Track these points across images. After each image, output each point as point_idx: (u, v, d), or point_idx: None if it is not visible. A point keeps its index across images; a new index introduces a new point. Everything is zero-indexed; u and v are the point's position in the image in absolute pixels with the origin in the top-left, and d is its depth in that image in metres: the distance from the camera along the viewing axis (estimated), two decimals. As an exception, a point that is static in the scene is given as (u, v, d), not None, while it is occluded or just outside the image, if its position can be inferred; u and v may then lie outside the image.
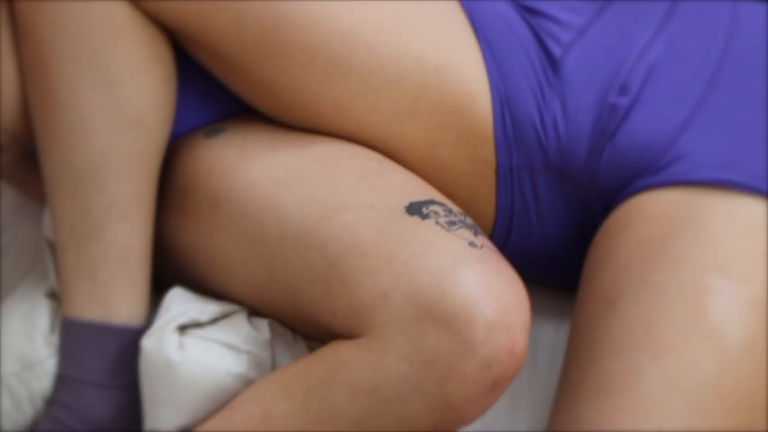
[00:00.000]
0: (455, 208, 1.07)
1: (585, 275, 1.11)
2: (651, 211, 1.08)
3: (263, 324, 1.13)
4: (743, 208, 1.05)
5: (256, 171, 1.11)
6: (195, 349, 1.10)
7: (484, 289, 0.97)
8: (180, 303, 1.14)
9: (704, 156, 1.09)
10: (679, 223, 1.06)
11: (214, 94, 1.20)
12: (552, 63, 1.15)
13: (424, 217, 1.04)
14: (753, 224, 1.05)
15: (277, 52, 1.10)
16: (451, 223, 1.03)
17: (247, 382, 1.10)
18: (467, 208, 1.14)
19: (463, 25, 1.17)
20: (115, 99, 1.09)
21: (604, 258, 1.09)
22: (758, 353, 1.00)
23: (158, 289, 1.19)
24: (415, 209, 1.05)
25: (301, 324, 1.12)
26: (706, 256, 1.03)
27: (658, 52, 1.13)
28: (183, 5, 1.08)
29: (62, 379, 1.15)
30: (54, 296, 1.21)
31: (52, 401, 1.16)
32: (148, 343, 1.11)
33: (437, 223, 1.03)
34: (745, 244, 1.03)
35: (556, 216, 1.17)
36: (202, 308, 1.13)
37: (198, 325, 1.12)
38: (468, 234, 1.03)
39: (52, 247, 1.20)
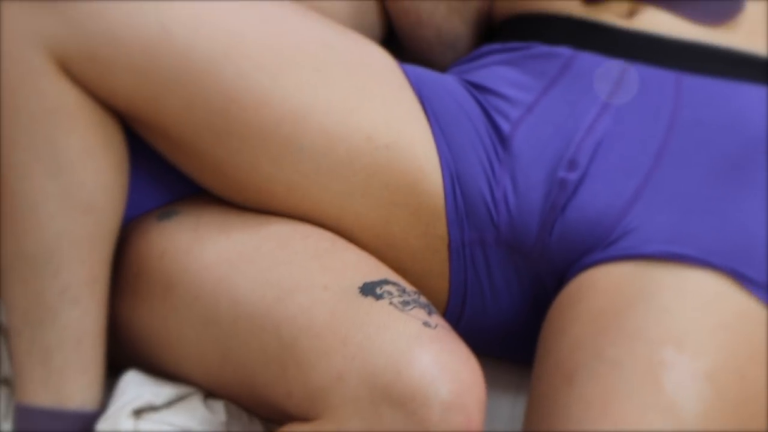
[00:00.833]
0: (409, 287, 1.08)
1: (540, 349, 1.12)
2: (603, 286, 1.09)
3: (219, 406, 1.13)
4: (693, 281, 1.07)
5: (210, 253, 1.11)
6: (150, 434, 1.09)
7: (439, 369, 0.98)
8: (135, 386, 1.13)
9: (653, 230, 1.10)
10: (631, 296, 1.07)
11: (166, 176, 1.20)
12: (501, 139, 1.16)
13: (378, 297, 1.04)
14: (704, 297, 1.06)
15: (228, 134, 1.11)
16: (405, 303, 1.04)
17: (203, 466, 1.09)
18: (421, 284, 1.15)
19: (413, 102, 1.18)
20: (67, 185, 1.09)
21: (559, 332, 1.09)
22: (715, 426, 1.01)
23: (113, 371, 1.18)
24: (368, 290, 1.05)
25: (257, 405, 1.11)
26: (659, 330, 1.03)
27: (605, 127, 1.14)
28: (134, 90, 1.09)
29: (16, 467, 1.14)
30: (7, 383, 1.20)
31: (6, 489, 1.15)
32: (102, 427, 1.10)
33: (391, 303, 1.03)
34: (697, 317, 1.04)
35: (510, 290, 1.18)
36: (157, 391, 1.12)
37: (153, 408, 1.12)
38: (422, 314, 1.03)
39: (6, 333, 1.19)
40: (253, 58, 1.10)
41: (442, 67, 1.32)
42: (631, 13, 1.20)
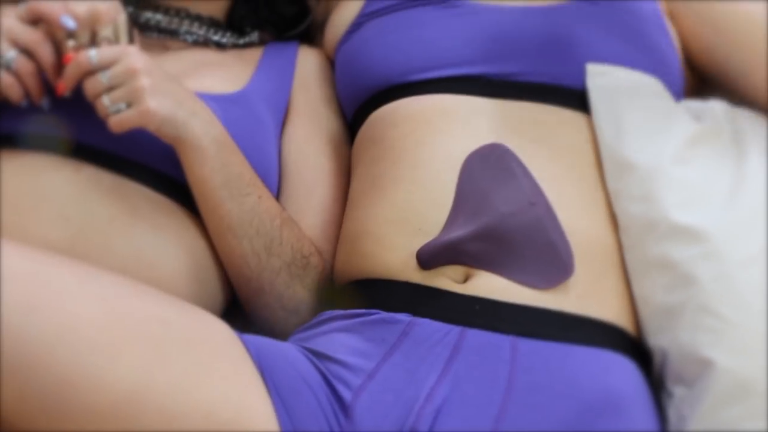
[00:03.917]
0: None
1: None
2: None
3: None
4: None
5: None
6: None
7: None
8: None
9: (495, 498, 1.10)
10: None
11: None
12: (343, 408, 1.17)
13: None
14: None
15: (64, 418, 1.08)
16: None
17: None
18: None
19: (253, 374, 1.17)
20: None
21: None
22: None
23: None
24: None
25: None
26: None
27: (444, 394, 1.16)
28: None
29: None
30: None
31: None
32: None
33: None
34: None
35: None
36: None
37: None
38: None
39: None
40: (88, 340, 1.09)
41: (285, 333, 1.33)
42: (466, 278, 1.24)
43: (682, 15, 1.44)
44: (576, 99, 1.32)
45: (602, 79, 1.33)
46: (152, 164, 1.30)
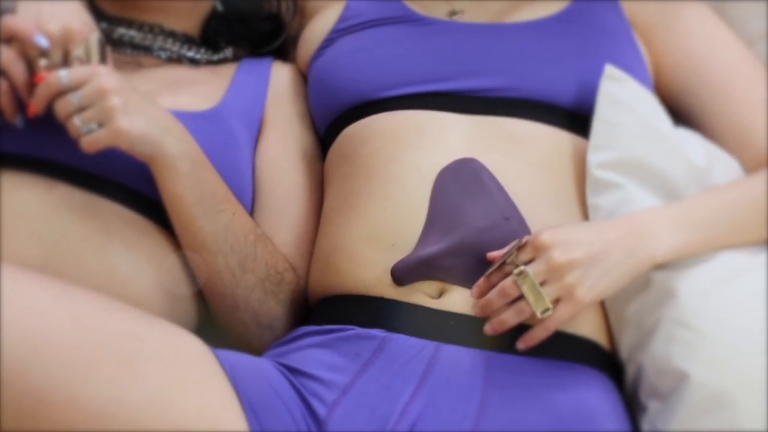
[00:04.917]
0: None
1: None
2: None
3: None
4: None
5: None
6: None
7: None
8: None
9: None
10: None
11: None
12: (318, 422, 1.17)
13: None
14: None
15: (37, 434, 1.09)
16: None
17: None
18: None
19: (227, 390, 1.17)
20: None
21: None
22: None
23: None
24: None
25: None
26: None
27: (418, 410, 1.16)
28: None
29: None
30: None
31: None
32: None
33: None
34: None
35: None
36: None
37: None
38: None
39: None
40: (60, 357, 1.09)
41: (260, 348, 1.33)
42: (440, 293, 1.24)
43: (653, 44, 1.45)
44: (548, 113, 1.33)
45: (614, 86, 1.32)
46: (125, 182, 1.29)
